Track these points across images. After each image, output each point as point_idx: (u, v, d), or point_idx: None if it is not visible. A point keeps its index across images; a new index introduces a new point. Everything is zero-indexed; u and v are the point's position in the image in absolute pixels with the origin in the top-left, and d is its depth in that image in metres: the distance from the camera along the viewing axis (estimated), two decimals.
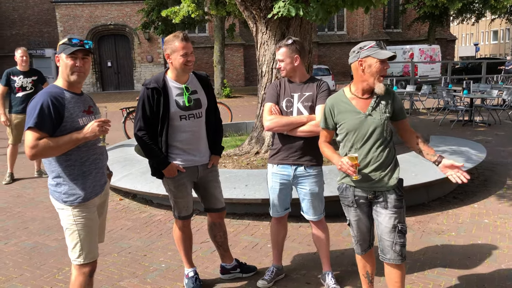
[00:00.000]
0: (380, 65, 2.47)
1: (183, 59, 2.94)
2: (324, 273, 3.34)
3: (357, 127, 2.57)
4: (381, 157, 2.56)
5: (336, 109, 2.63)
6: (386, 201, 2.58)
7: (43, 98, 2.39)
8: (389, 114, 2.56)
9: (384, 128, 2.55)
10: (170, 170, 3.04)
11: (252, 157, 6.22)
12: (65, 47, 2.45)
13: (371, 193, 2.61)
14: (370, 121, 2.54)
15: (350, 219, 2.75)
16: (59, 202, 2.52)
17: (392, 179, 2.57)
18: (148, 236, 4.40)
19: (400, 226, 2.57)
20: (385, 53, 2.47)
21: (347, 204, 2.72)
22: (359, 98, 2.59)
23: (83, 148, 2.50)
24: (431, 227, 4.41)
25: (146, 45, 26.17)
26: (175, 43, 2.94)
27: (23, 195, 5.94)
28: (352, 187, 2.67)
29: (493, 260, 3.65)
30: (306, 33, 6.13)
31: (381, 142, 2.56)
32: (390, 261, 2.61)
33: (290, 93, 3.12)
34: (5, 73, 6.35)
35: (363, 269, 2.88)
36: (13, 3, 28.33)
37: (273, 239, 3.42)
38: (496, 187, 5.68)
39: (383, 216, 2.59)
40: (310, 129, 3.02)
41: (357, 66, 2.52)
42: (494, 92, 11.76)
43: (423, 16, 25.21)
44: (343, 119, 2.61)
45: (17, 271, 3.69)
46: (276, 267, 3.43)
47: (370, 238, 2.78)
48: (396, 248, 2.57)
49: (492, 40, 57.90)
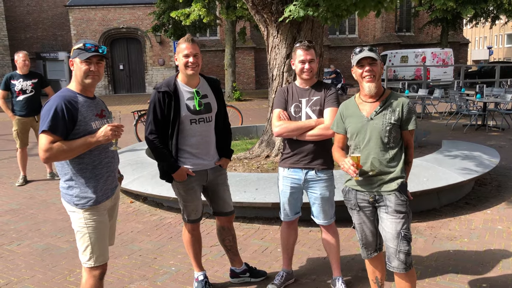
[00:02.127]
0: (359, 69, 2.57)
1: (184, 60, 2.96)
2: (334, 279, 3.32)
3: (359, 130, 2.61)
4: (381, 162, 2.57)
5: (345, 113, 2.71)
6: (387, 206, 2.57)
7: (57, 102, 2.42)
8: (395, 122, 2.56)
9: (386, 134, 2.55)
10: (180, 174, 3.05)
11: (262, 160, 6.21)
12: (80, 52, 2.48)
13: (371, 196, 2.62)
14: (371, 125, 2.58)
15: (354, 222, 2.79)
16: (70, 205, 2.54)
17: (392, 183, 2.57)
18: (158, 239, 4.42)
19: (403, 232, 2.54)
20: (357, 57, 2.55)
21: (350, 207, 2.75)
22: (365, 102, 2.64)
23: (95, 151, 2.53)
24: (443, 233, 4.36)
25: (158, 49, 26.35)
26: (181, 44, 2.98)
27: (35, 197, 6.01)
28: (354, 190, 2.69)
29: (506, 267, 3.60)
30: (317, 37, 6.13)
31: (382, 147, 2.56)
32: (394, 270, 2.59)
33: (298, 98, 3.13)
34: (4, 78, 6.45)
35: (372, 274, 2.86)
36: (28, 7, 28.74)
37: (283, 243, 3.40)
38: (510, 193, 5.60)
39: (385, 221, 2.58)
40: (319, 133, 3.02)
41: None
42: (508, 96, 11.60)
43: (436, 20, 25.03)
44: (349, 123, 2.67)
45: (29, 273, 3.73)
46: (286, 272, 3.42)
47: (376, 242, 2.76)
48: (400, 256, 2.55)
49: (506, 44, 57.23)
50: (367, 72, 2.54)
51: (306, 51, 3.04)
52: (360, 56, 2.54)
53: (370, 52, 2.54)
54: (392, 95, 2.63)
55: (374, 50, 2.57)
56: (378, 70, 2.57)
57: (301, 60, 3.05)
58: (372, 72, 2.54)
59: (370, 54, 2.53)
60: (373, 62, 2.55)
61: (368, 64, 2.54)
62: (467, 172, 5.23)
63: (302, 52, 3.04)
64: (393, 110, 2.57)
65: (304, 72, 3.07)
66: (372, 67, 2.54)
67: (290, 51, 5.94)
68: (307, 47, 3.05)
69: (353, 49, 2.66)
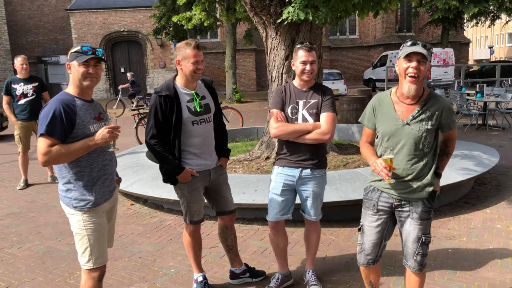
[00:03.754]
0: (405, 63, 2.35)
1: (193, 67, 2.98)
2: (306, 270, 3.41)
3: (392, 134, 2.47)
4: (415, 168, 2.46)
5: (378, 109, 2.55)
6: (412, 211, 2.50)
7: (55, 106, 2.44)
8: (431, 127, 2.41)
9: (422, 140, 2.42)
10: (185, 175, 3.08)
11: (262, 162, 6.23)
12: (77, 55, 2.50)
13: (397, 200, 2.53)
14: (407, 130, 2.42)
15: (364, 224, 2.65)
16: (69, 208, 2.57)
17: (423, 192, 2.47)
18: (158, 241, 4.43)
19: (424, 238, 2.51)
20: (407, 49, 2.33)
21: (368, 207, 2.63)
22: (402, 103, 2.46)
23: (93, 154, 2.55)
24: (442, 232, 4.37)
25: (159, 51, 26.41)
26: (187, 50, 2.98)
27: (36, 200, 6.04)
28: (379, 191, 2.58)
29: (505, 266, 3.61)
30: (316, 38, 6.15)
31: (415, 153, 2.44)
32: (410, 268, 2.60)
33: (295, 99, 3.15)
34: (5, 83, 6.49)
35: (366, 278, 2.82)
36: (29, 11, 28.86)
37: (274, 247, 3.38)
38: (509, 192, 5.60)
39: (408, 224, 2.53)
40: (315, 137, 3.05)
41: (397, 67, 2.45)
42: (509, 96, 11.59)
43: (436, 20, 25.02)
44: (381, 121, 2.53)
45: (30, 275, 3.75)
46: (281, 274, 3.41)
47: (377, 253, 2.66)
48: (417, 258, 2.55)
49: (508, 43, 57.12)
50: (412, 68, 2.32)
51: (308, 52, 3.05)
52: (411, 49, 2.32)
53: (423, 48, 2.31)
54: (432, 97, 2.45)
55: (428, 48, 2.33)
56: (425, 70, 2.35)
57: (303, 61, 3.06)
58: (418, 71, 2.33)
59: (422, 50, 2.30)
60: (423, 60, 2.32)
61: (417, 60, 2.32)
62: (466, 171, 5.24)
63: (304, 53, 3.05)
64: (432, 115, 2.41)
65: (305, 73, 3.08)
66: (420, 65, 2.32)
67: (289, 52, 5.97)
68: (310, 48, 3.06)
69: (405, 41, 2.44)
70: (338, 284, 3.43)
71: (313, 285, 3.32)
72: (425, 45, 2.34)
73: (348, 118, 10.38)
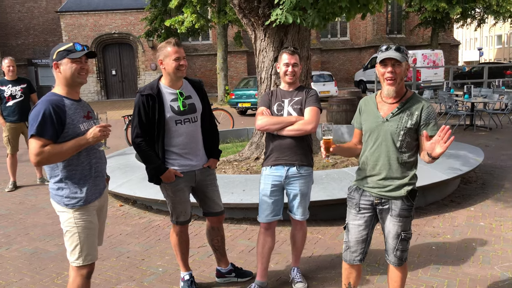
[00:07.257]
0: (381, 68, 2.47)
1: (175, 63, 3.02)
2: (292, 268, 3.47)
3: (372, 130, 2.56)
4: (393, 167, 2.52)
5: (363, 109, 2.67)
6: (392, 209, 2.56)
7: (45, 106, 2.47)
8: (411, 126, 2.47)
9: (399, 138, 2.49)
10: (167, 175, 3.10)
11: (252, 162, 6.27)
12: (69, 53, 2.54)
13: (377, 198, 2.58)
14: (386, 127, 2.51)
15: (348, 222, 2.71)
16: (60, 205, 2.59)
17: (401, 190, 2.52)
18: (146, 241, 4.46)
19: (404, 234, 2.57)
20: (381, 55, 2.45)
21: (351, 205, 2.69)
22: (384, 102, 2.57)
23: (84, 152, 2.59)
24: (427, 230, 4.44)
25: (150, 53, 26.37)
26: (167, 48, 3.03)
27: (25, 202, 6.03)
28: (361, 190, 2.65)
29: (486, 262, 3.68)
30: (304, 40, 6.21)
31: (394, 151, 2.50)
32: (391, 263, 2.67)
33: (281, 98, 3.24)
34: None
35: (346, 279, 2.81)
36: (19, 13, 28.69)
37: (258, 250, 3.30)
38: (494, 190, 5.70)
39: (388, 221, 2.59)
40: (298, 128, 3.11)
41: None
42: (495, 96, 11.76)
43: (426, 21, 25.26)
44: (365, 120, 2.64)
45: (17, 276, 3.76)
46: (259, 284, 3.30)
47: (363, 250, 2.69)
48: (397, 253, 2.62)
49: (497, 45, 57.77)
50: (388, 73, 2.44)
51: (291, 55, 3.16)
52: (384, 55, 2.43)
53: (396, 52, 2.41)
54: (413, 98, 2.53)
55: (401, 50, 2.42)
56: (401, 72, 2.45)
57: (286, 63, 3.17)
58: (394, 74, 2.43)
59: (394, 55, 2.40)
60: (397, 63, 2.43)
61: (391, 65, 2.43)
62: (452, 170, 5.32)
63: (287, 56, 3.16)
64: (411, 114, 2.48)
65: (287, 74, 3.18)
66: (394, 69, 2.43)
67: (277, 54, 6.00)
68: (292, 51, 3.18)
69: (380, 46, 2.53)
70: (324, 281, 3.48)
71: (298, 282, 3.37)
72: (398, 48, 2.44)
73: (338, 119, 10.46)
